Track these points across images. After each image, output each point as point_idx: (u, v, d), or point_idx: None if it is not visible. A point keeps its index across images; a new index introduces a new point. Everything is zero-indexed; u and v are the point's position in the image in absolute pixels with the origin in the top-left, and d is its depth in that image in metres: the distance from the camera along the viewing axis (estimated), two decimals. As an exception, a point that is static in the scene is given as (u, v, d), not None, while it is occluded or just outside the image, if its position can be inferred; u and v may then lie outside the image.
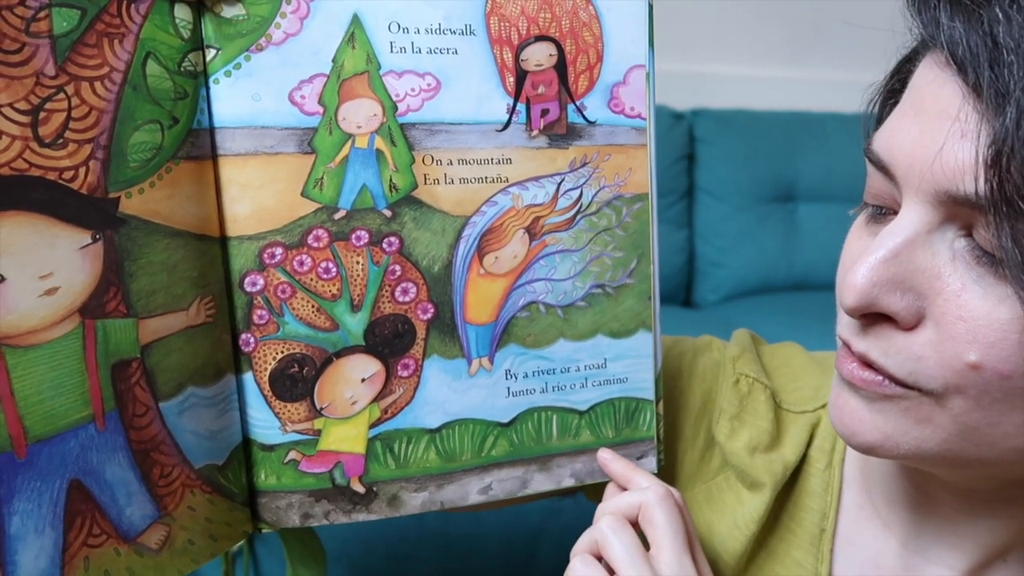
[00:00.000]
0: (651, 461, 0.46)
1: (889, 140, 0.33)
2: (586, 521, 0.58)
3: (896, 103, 0.35)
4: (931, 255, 0.31)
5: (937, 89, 0.31)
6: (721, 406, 0.47)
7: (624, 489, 0.42)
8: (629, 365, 0.44)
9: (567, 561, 0.39)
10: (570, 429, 0.44)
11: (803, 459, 0.45)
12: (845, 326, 0.35)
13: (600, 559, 0.38)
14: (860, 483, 0.44)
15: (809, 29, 1.84)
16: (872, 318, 0.33)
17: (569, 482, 0.44)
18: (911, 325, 0.32)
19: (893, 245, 0.31)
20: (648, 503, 0.39)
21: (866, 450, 0.35)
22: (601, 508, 0.41)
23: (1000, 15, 0.29)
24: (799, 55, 1.85)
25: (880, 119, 0.39)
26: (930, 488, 0.40)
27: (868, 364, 0.33)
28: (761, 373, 0.48)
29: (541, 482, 0.44)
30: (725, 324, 0.55)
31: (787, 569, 0.44)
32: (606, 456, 0.43)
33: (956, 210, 0.30)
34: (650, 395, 0.45)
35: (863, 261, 0.32)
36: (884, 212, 0.35)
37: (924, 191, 0.31)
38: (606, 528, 0.38)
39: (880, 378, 0.33)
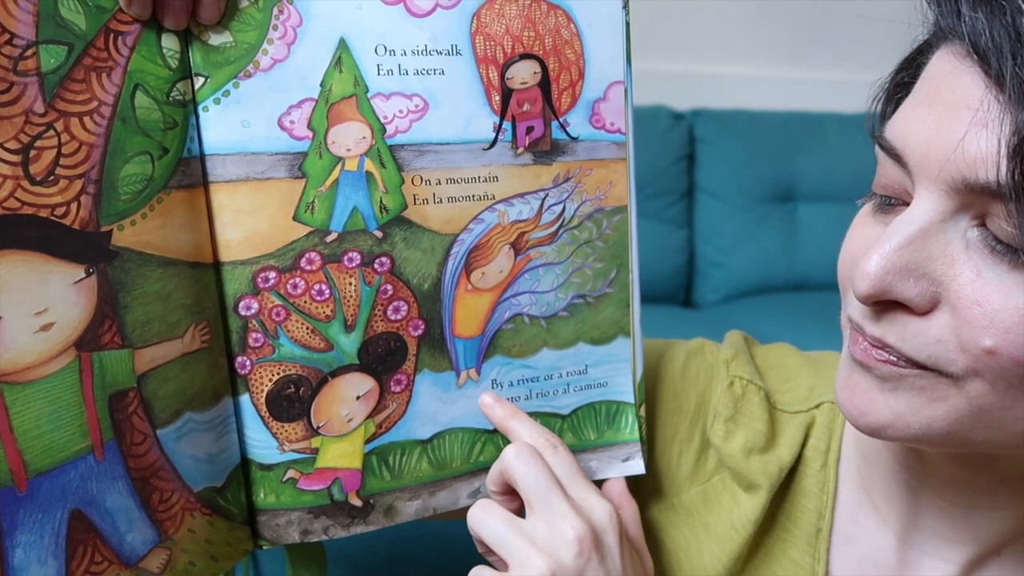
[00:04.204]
0: (638, 463, 0.46)
1: (903, 129, 0.33)
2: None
3: (903, 96, 0.36)
4: (944, 243, 0.32)
5: (955, 80, 0.31)
6: (715, 408, 0.47)
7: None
8: (609, 370, 0.46)
9: None
10: (553, 432, 0.45)
11: (798, 459, 0.46)
12: (856, 311, 0.35)
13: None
14: (857, 481, 0.45)
15: (809, 29, 1.84)
16: (885, 304, 0.33)
17: None
18: (925, 310, 0.32)
19: (908, 233, 0.32)
20: (506, 466, 0.39)
21: (874, 431, 0.35)
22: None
23: (1023, 6, 0.29)
24: (799, 55, 1.85)
25: (885, 113, 0.39)
26: (928, 483, 0.40)
27: (884, 346, 0.33)
28: (755, 375, 0.48)
29: None
30: (725, 324, 0.56)
31: (784, 569, 0.45)
32: (487, 400, 0.43)
33: (971, 199, 0.31)
34: (630, 398, 0.46)
35: (877, 249, 0.32)
36: (893, 203, 0.35)
37: (941, 180, 0.31)
38: (473, 519, 0.39)
39: (896, 357, 0.33)
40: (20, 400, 0.30)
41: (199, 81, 0.36)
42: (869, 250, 0.32)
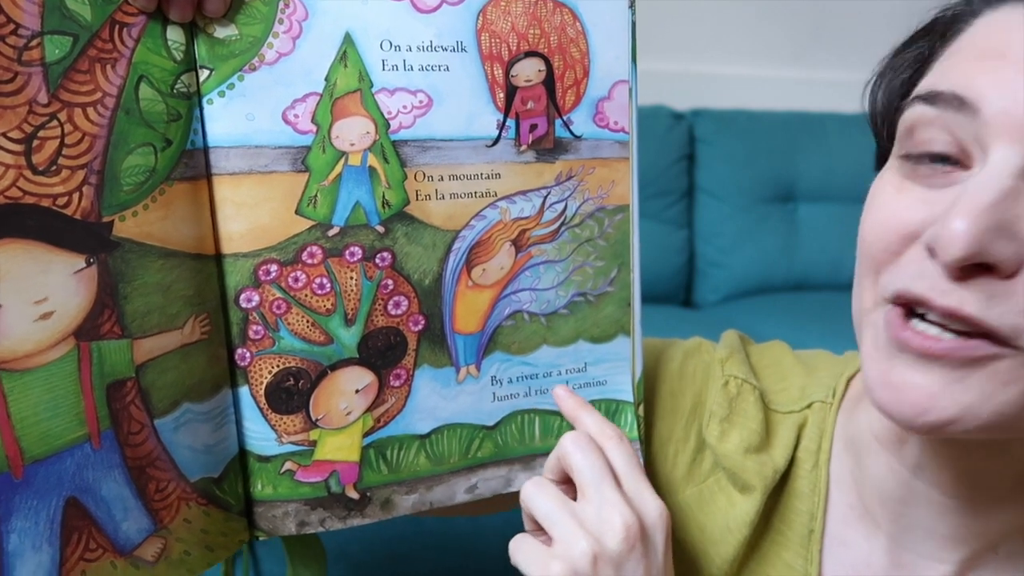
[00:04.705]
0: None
1: (973, 81, 0.32)
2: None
3: (920, 71, 0.36)
4: None
5: None
6: (711, 408, 0.47)
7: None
8: (608, 368, 0.46)
9: None
10: (552, 430, 0.45)
11: (791, 460, 0.45)
12: (923, 282, 0.32)
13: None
14: (850, 484, 0.44)
15: (809, 29, 1.83)
16: (967, 270, 0.31)
17: None
18: (1012, 272, 0.31)
19: (999, 188, 0.30)
20: (563, 452, 0.39)
21: (934, 429, 0.32)
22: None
23: None
24: (799, 55, 1.85)
25: (910, 81, 0.38)
26: (922, 485, 0.40)
27: (960, 317, 0.31)
28: (750, 374, 0.48)
29: (524, 480, 0.45)
30: (725, 324, 0.56)
31: (777, 571, 0.45)
32: (560, 392, 0.44)
33: None
34: (629, 397, 0.46)
35: (965, 208, 0.30)
36: (939, 164, 0.33)
37: None
38: (526, 494, 0.39)
39: (972, 342, 0.31)
40: (18, 388, 0.30)
41: (204, 74, 0.36)
42: (954, 210, 0.30)
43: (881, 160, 0.41)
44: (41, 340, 0.31)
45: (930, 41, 0.37)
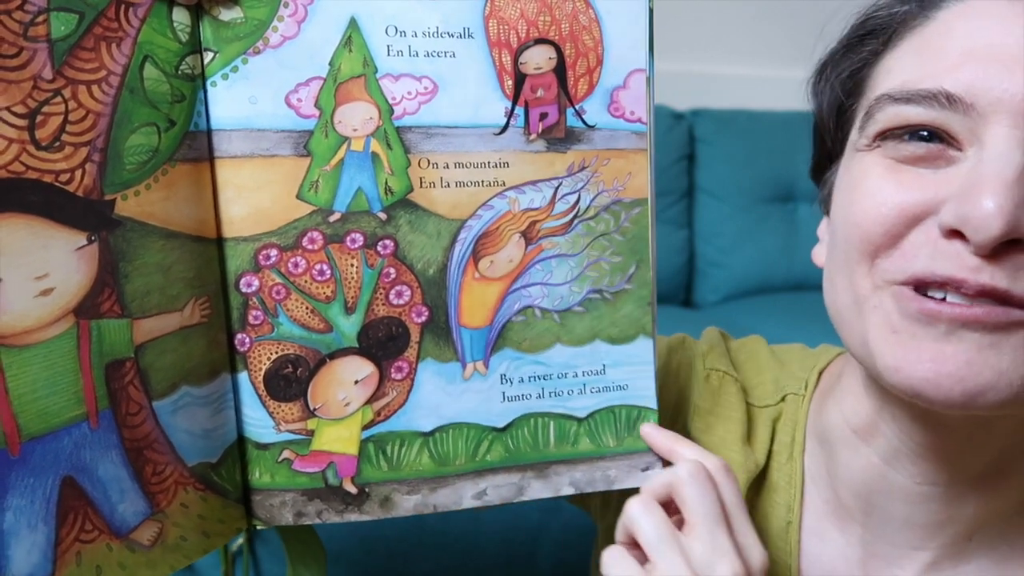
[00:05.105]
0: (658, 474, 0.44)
1: (962, 76, 0.33)
2: (586, 520, 0.58)
3: (866, 66, 0.37)
4: None
5: (1007, 25, 0.33)
6: (695, 402, 0.47)
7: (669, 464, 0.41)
8: (629, 372, 0.44)
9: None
10: (568, 436, 0.43)
11: (768, 454, 0.46)
12: (951, 264, 0.32)
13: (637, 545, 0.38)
14: (824, 479, 0.44)
15: (809, 29, 1.82)
16: (996, 247, 0.31)
17: (568, 491, 0.44)
18: None
19: (1018, 163, 0.31)
20: (677, 481, 0.38)
21: (971, 398, 0.32)
22: (643, 487, 0.40)
23: None
24: (799, 55, 1.84)
25: (860, 76, 0.40)
26: (897, 475, 0.40)
27: (992, 294, 0.32)
28: (730, 367, 0.48)
29: (538, 489, 0.43)
30: (725, 324, 0.55)
31: None
32: (647, 429, 0.43)
33: None
34: (653, 403, 0.44)
35: (990, 187, 0.31)
36: (931, 140, 0.34)
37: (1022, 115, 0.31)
38: (633, 511, 0.38)
39: (1003, 308, 0.32)
40: (16, 363, 0.30)
41: (208, 56, 0.36)
42: (978, 190, 0.31)
43: (825, 157, 0.44)
44: (41, 316, 0.31)
45: (877, 37, 0.38)
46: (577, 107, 0.42)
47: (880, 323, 0.35)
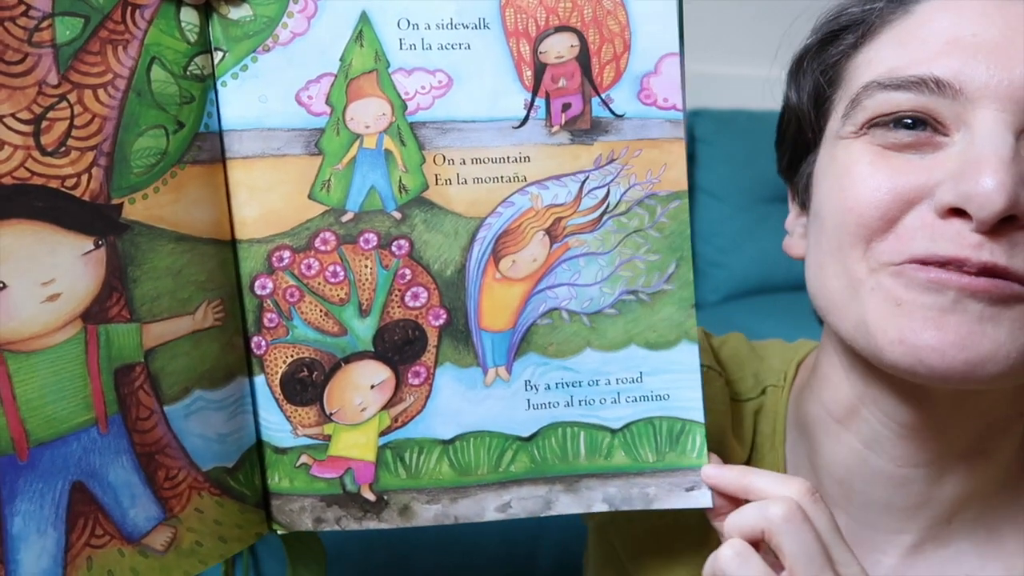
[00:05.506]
0: (704, 494, 0.40)
1: (949, 62, 0.34)
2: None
3: (844, 59, 0.39)
4: None
5: (988, 17, 0.34)
6: None
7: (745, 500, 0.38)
8: (671, 380, 0.40)
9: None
10: (600, 448, 0.40)
11: (752, 446, 0.47)
12: (950, 243, 0.34)
13: None
14: (807, 468, 0.45)
15: (809, 29, 1.74)
16: (996, 224, 0.33)
17: (601, 507, 0.41)
18: None
19: (1008, 144, 0.33)
20: (771, 528, 0.34)
21: (971, 368, 0.34)
22: (727, 525, 0.36)
23: None
24: None
25: (836, 69, 0.41)
26: (877, 458, 0.41)
27: (991, 271, 0.33)
28: (714, 362, 0.49)
29: (567, 504, 0.41)
30: (725, 324, 0.53)
31: None
32: (710, 472, 0.39)
33: None
34: (699, 416, 0.40)
35: (988, 166, 0.32)
36: (918, 127, 0.35)
37: (1012, 99, 0.33)
38: (729, 566, 0.34)
39: (1005, 281, 0.33)
40: (24, 369, 0.30)
41: (218, 56, 0.35)
42: (975, 169, 0.32)
43: (802, 149, 0.44)
44: (48, 322, 0.31)
45: (853, 32, 0.40)
46: (603, 96, 0.39)
47: (881, 301, 0.36)
